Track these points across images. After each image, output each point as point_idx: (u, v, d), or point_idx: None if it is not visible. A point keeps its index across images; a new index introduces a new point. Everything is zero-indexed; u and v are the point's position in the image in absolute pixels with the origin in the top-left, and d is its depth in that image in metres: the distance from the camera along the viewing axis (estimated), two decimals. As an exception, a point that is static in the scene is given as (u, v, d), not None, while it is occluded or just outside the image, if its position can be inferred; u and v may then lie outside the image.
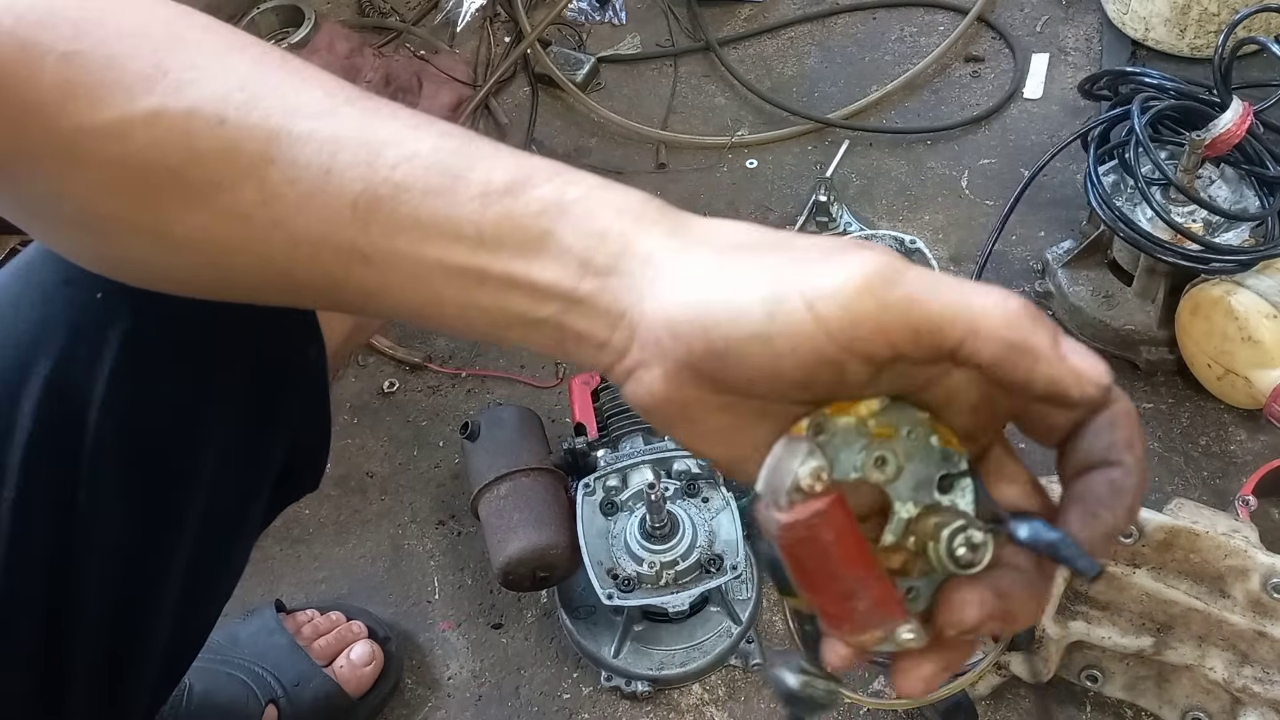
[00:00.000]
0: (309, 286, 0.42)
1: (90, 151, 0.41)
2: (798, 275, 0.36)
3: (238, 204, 0.41)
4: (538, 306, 0.39)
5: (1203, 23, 1.49)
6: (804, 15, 1.78)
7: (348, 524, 1.28)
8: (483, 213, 0.39)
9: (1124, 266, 1.28)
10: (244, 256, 0.42)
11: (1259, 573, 0.92)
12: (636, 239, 0.38)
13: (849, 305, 0.35)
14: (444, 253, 0.39)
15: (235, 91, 0.41)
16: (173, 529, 0.65)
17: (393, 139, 0.40)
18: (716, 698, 1.12)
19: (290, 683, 1.05)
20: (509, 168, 0.40)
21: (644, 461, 1.13)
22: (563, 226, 0.38)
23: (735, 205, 1.52)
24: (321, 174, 0.40)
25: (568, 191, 0.39)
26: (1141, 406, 1.27)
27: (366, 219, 0.39)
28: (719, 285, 0.37)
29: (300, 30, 1.72)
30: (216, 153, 0.40)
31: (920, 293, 0.35)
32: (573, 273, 0.38)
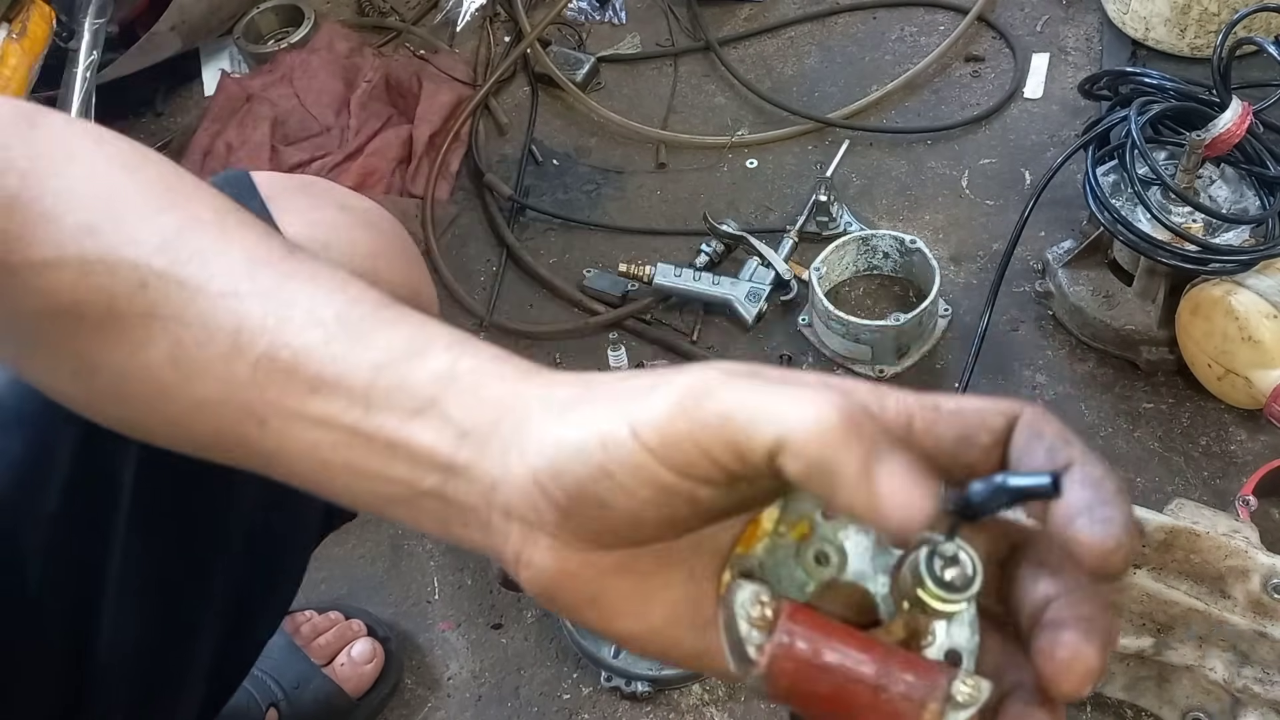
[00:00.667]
0: (213, 444, 0.43)
1: (19, 290, 0.44)
2: (627, 407, 0.35)
3: (151, 361, 0.42)
4: (419, 476, 0.38)
5: (1203, 23, 1.49)
6: (804, 15, 1.78)
7: (347, 524, 1.28)
8: (374, 378, 0.39)
9: (1124, 266, 1.28)
10: (152, 407, 0.44)
11: (1259, 573, 0.92)
12: (511, 401, 0.37)
13: (664, 429, 0.33)
14: (331, 413, 0.39)
15: (158, 254, 0.43)
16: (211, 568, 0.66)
17: (303, 303, 0.41)
18: (716, 698, 1.12)
19: (290, 685, 1.05)
20: (410, 336, 0.40)
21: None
22: (449, 394, 0.38)
23: (735, 205, 1.52)
24: (230, 335, 0.41)
25: (461, 362, 0.39)
26: (1141, 406, 1.27)
27: (265, 382, 0.40)
28: (569, 431, 0.35)
29: (300, 30, 1.72)
30: (135, 314, 0.42)
31: (734, 407, 0.33)
32: (450, 439, 0.38)
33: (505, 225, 1.54)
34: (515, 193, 1.57)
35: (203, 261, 0.43)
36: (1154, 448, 1.24)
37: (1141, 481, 1.20)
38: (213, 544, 0.66)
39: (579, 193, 1.59)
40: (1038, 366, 1.32)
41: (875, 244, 1.40)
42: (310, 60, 1.67)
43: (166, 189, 0.45)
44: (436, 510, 0.39)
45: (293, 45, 1.70)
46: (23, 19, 1.35)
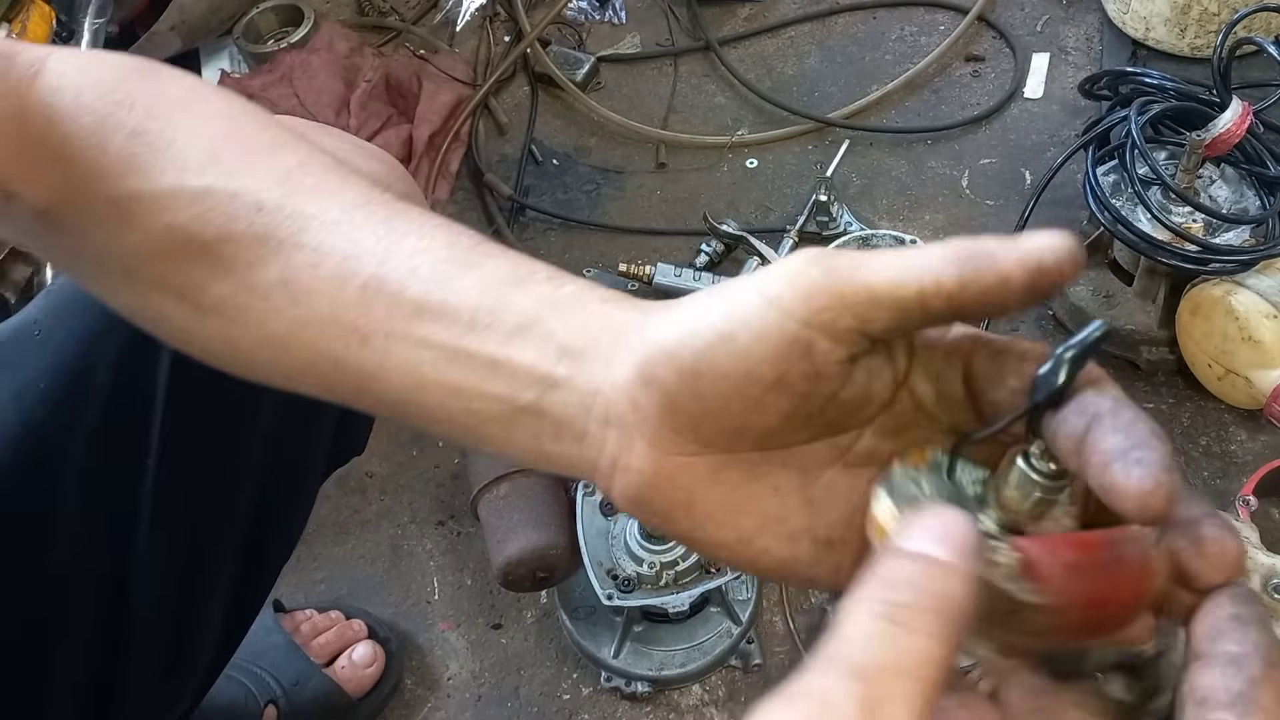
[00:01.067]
0: (311, 365, 0.45)
1: (138, 217, 0.46)
2: (751, 280, 0.36)
3: (260, 281, 0.44)
4: (517, 392, 0.40)
5: (1203, 22, 1.49)
6: (804, 15, 1.78)
7: (347, 524, 1.28)
8: (479, 302, 0.41)
9: (1124, 266, 1.28)
10: (257, 329, 0.45)
11: (1259, 573, 0.92)
12: (612, 318, 0.39)
13: (795, 280, 0.35)
14: (434, 332, 0.41)
15: (276, 185, 0.45)
16: (234, 492, 0.70)
17: (414, 232, 0.43)
18: (716, 698, 1.12)
19: (289, 682, 1.05)
20: (513, 266, 0.42)
21: (644, 462, 1.13)
22: (550, 315, 0.40)
23: (735, 205, 1.52)
24: (341, 259, 0.43)
25: (563, 289, 0.41)
26: (1142, 406, 1.26)
27: (371, 301, 0.42)
28: (680, 320, 0.37)
29: (300, 30, 1.72)
30: (249, 235, 0.44)
31: (862, 260, 0.35)
32: (551, 355, 0.39)
33: (505, 225, 1.54)
34: (515, 193, 1.57)
35: (318, 194, 0.45)
36: (1154, 448, 1.24)
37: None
38: (233, 466, 0.69)
39: (579, 193, 1.59)
40: (1038, 366, 1.32)
41: (875, 244, 1.40)
42: (310, 60, 1.67)
43: (283, 131, 0.48)
44: (530, 426, 0.40)
45: (292, 45, 1.70)
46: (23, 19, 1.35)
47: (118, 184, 0.46)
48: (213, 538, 0.70)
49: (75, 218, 0.47)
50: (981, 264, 0.34)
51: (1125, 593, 0.34)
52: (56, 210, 0.48)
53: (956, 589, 0.30)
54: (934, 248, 0.34)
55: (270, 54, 1.70)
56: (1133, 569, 0.34)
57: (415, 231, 0.43)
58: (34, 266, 1.21)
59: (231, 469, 0.69)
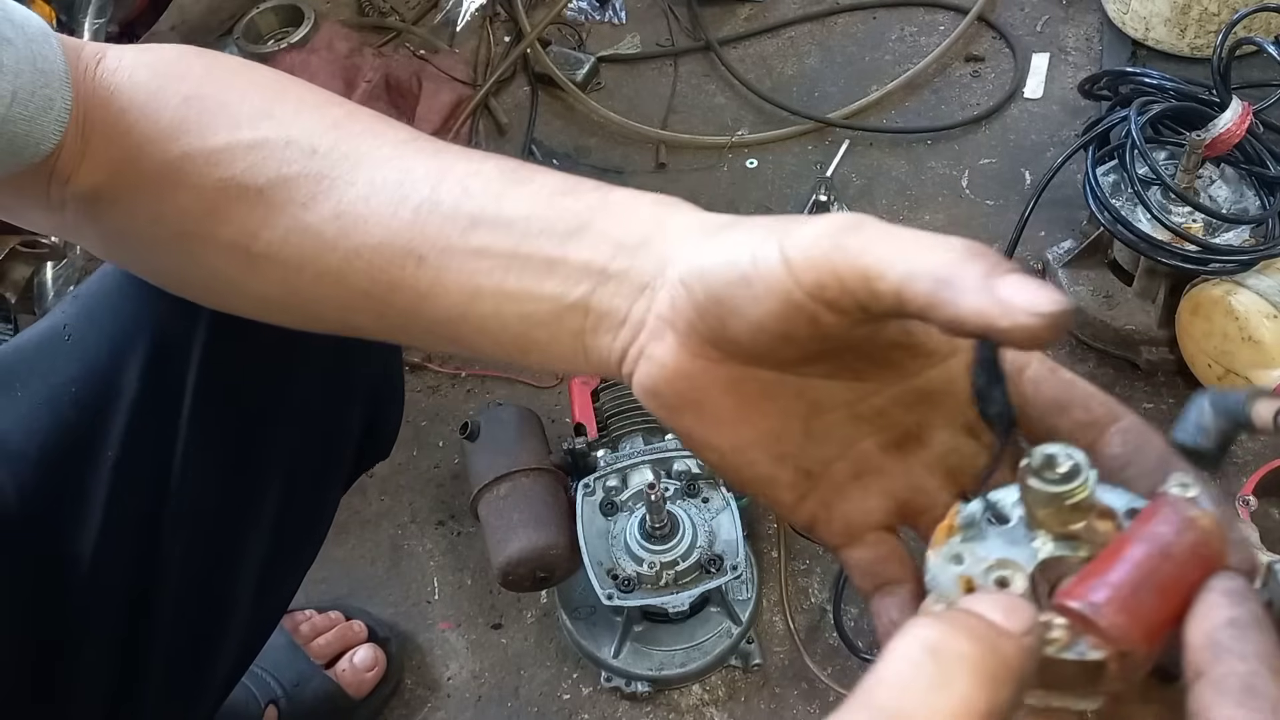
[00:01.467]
0: (367, 292, 0.46)
1: (191, 175, 0.48)
2: (782, 231, 0.37)
3: (313, 219, 0.46)
4: (570, 287, 0.41)
5: (1203, 22, 1.49)
6: (804, 15, 1.78)
7: (347, 524, 1.28)
8: (532, 209, 0.43)
9: (1124, 266, 1.28)
10: (310, 266, 0.47)
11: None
12: (666, 220, 0.41)
13: (808, 249, 0.36)
14: (490, 242, 0.43)
15: (329, 130, 0.47)
16: (259, 496, 0.70)
17: (462, 159, 0.46)
18: (716, 698, 1.12)
19: (290, 683, 1.05)
20: (562, 179, 0.44)
21: (644, 462, 1.13)
22: (603, 217, 0.42)
23: (735, 205, 1.52)
24: (394, 187, 0.45)
25: (612, 194, 0.43)
26: (1141, 406, 1.27)
27: (426, 221, 0.44)
28: (723, 246, 0.38)
29: (300, 30, 1.72)
30: (304, 175, 0.46)
31: (876, 238, 0.35)
32: (607, 252, 0.41)
33: (505, 225, 1.54)
34: (515, 193, 1.57)
35: (369, 135, 0.47)
36: (1154, 448, 1.24)
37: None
38: (258, 471, 0.69)
39: (579, 193, 1.59)
40: None
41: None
42: (310, 60, 1.66)
43: (327, 93, 0.51)
44: (576, 322, 0.42)
45: (292, 45, 1.70)
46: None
47: (170, 146, 0.48)
48: (237, 543, 0.70)
49: (127, 190, 0.49)
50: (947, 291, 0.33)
51: (1189, 582, 0.32)
52: (108, 187, 0.49)
53: (1011, 651, 0.29)
54: (946, 254, 0.33)
55: (270, 54, 1.69)
56: (1183, 554, 0.32)
57: (464, 158, 0.45)
58: (34, 266, 1.21)
59: (256, 473, 0.69)
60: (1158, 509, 0.33)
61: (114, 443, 0.63)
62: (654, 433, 1.15)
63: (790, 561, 1.18)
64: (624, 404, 1.17)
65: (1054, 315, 0.31)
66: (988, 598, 0.31)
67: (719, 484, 1.12)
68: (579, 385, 1.20)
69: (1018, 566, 0.35)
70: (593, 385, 1.20)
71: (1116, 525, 0.35)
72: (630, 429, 1.16)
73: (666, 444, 1.14)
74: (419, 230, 0.44)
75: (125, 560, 0.65)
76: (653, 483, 1.05)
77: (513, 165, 0.45)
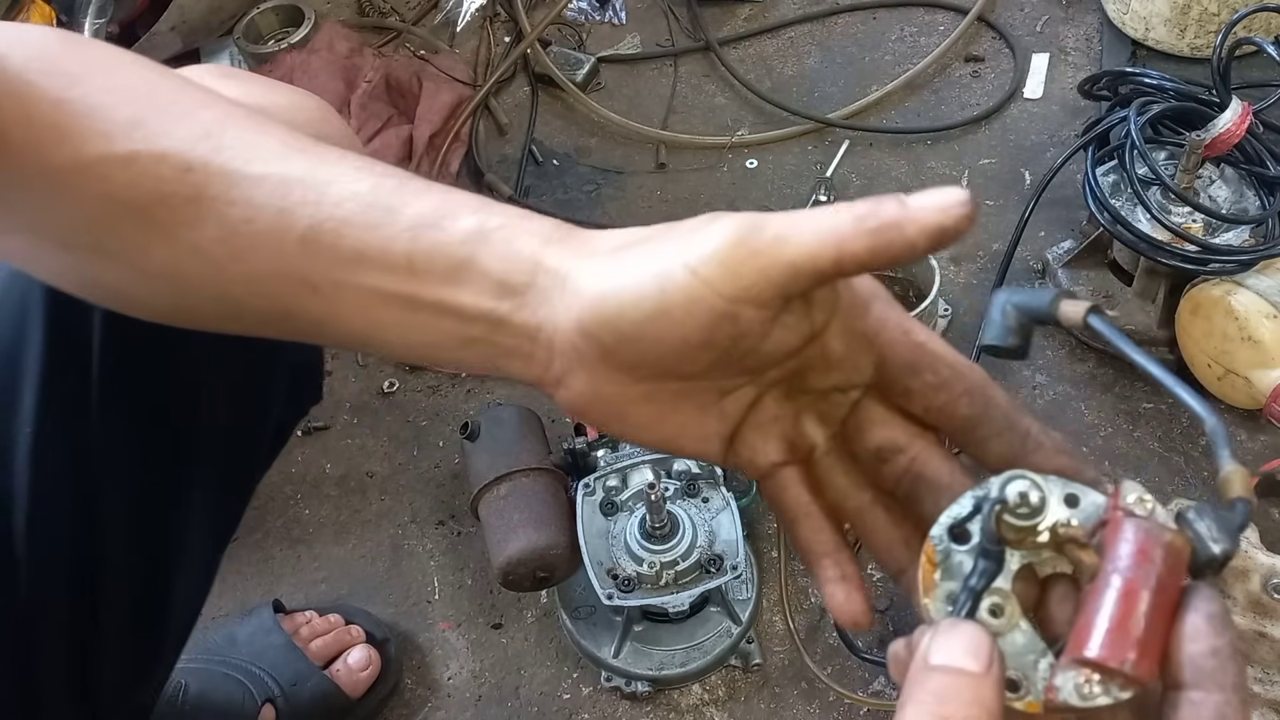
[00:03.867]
0: (264, 316, 0.47)
1: (75, 187, 0.46)
2: (678, 251, 0.40)
3: (200, 241, 0.46)
4: (466, 328, 0.43)
5: (1203, 23, 1.49)
6: (804, 15, 1.78)
7: (348, 524, 1.28)
8: (413, 244, 0.43)
9: (1124, 266, 1.28)
10: (205, 288, 0.47)
11: (1259, 573, 0.92)
12: (545, 257, 0.42)
13: (725, 260, 0.39)
14: (380, 281, 0.44)
15: (201, 141, 0.46)
16: (186, 459, 0.69)
17: (338, 179, 0.45)
18: (716, 698, 1.12)
19: (288, 682, 1.05)
20: (437, 204, 0.44)
21: (644, 461, 1.13)
22: (483, 253, 0.43)
23: (735, 205, 1.52)
24: (275, 213, 0.45)
25: (489, 221, 0.43)
26: (1141, 407, 1.27)
27: (313, 252, 0.44)
28: (616, 280, 0.41)
29: (300, 30, 1.72)
30: (182, 196, 0.45)
31: (784, 232, 0.40)
32: (492, 295, 0.43)
33: (505, 225, 1.54)
34: (515, 193, 1.57)
35: (243, 148, 0.46)
36: (1154, 448, 1.24)
37: (1141, 482, 1.20)
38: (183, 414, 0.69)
39: (579, 193, 1.59)
40: (1038, 366, 1.32)
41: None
42: (310, 60, 1.66)
43: (201, 91, 0.49)
44: (484, 352, 0.44)
45: (293, 45, 1.70)
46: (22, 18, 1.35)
47: (48, 154, 0.46)
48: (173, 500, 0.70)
49: (7, 189, 0.48)
50: (891, 235, 0.39)
51: (1174, 602, 0.35)
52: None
53: (989, 694, 0.35)
54: (843, 213, 0.39)
55: (270, 54, 1.69)
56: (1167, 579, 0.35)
57: (339, 178, 0.45)
58: None
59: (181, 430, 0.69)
60: (1129, 533, 0.36)
61: (28, 417, 0.62)
62: (654, 433, 1.15)
63: (790, 561, 1.18)
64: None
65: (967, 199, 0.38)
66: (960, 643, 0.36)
67: (719, 484, 1.12)
68: (579, 385, 1.20)
69: (1005, 593, 0.39)
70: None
71: (1085, 543, 0.38)
72: (630, 429, 1.16)
73: (666, 444, 1.14)
74: (307, 262, 0.44)
75: (62, 530, 0.65)
76: (653, 483, 1.05)
77: (389, 185, 0.45)
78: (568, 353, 0.42)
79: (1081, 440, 1.25)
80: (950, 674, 0.35)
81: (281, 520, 1.29)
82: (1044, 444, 0.42)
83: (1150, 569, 0.35)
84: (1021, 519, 0.38)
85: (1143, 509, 0.37)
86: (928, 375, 0.43)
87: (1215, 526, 0.36)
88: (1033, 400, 1.28)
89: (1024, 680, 0.37)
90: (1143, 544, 0.35)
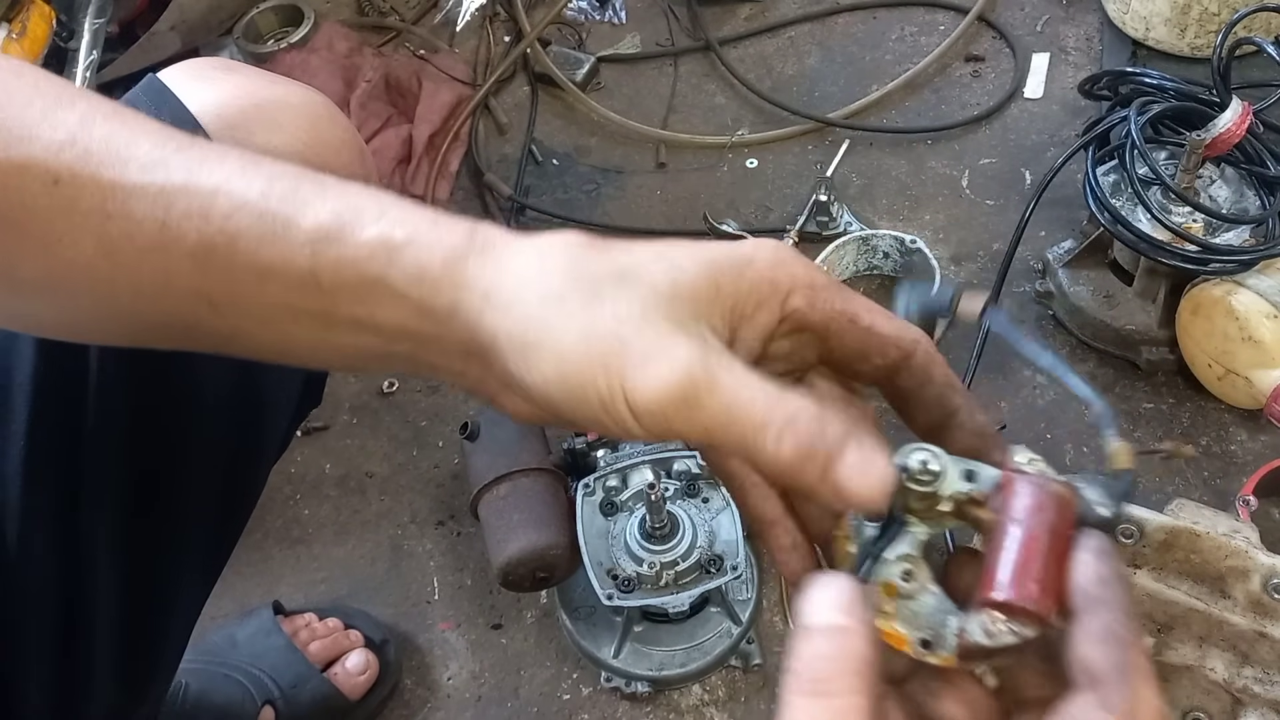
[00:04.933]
0: (162, 328, 0.44)
1: None
2: (616, 365, 0.37)
3: (79, 256, 0.42)
4: (390, 344, 0.41)
5: (1203, 22, 1.49)
6: (804, 15, 1.78)
7: (347, 524, 1.28)
8: (315, 260, 0.40)
9: (1125, 266, 1.28)
10: (89, 300, 0.44)
11: (1259, 573, 0.92)
12: (466, 277, 0.40)
13: (664, 410, 0.37)
14: (287, 298, 0.41)
15: (66, 149, 0.42)
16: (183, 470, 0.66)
17: (223, 186, 0.41)
18: (716, 698, 1.12)
19: (287, 684, 1.05)
20: (336, 209, 0.41)
21: (644, 462, 1.13)
22: (393, 273, 0.40)
23: (735, 205, 1.52)
24: (157, 227, 0.41)
25: (394, 234, 0.40)
26: (1142, 407, 1.27)
27: (205, 268, 0.41)
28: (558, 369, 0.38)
29: (300, 30, 1.72)
30: (53, 210, 0.42)
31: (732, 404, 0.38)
32: (413, 316, 0.40)
33: (505, 225, 1.54)
34: (515, 192, 1.57)
35: (113, 151, 0.42)
36: (1162, 445, 1.24)
37: (1142, 482, 1.20)
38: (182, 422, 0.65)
39: (579, 192, 1.59)
40: (1038, 366, 1.31)
41: (875, 244, 1.40)
42: (310, 60, 1.66)
43: (59, 89, 0.45)
44: (407, 364, 0.42)
45: (292, 45, 1.70)
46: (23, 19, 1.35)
47: None
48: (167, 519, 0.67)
49: None
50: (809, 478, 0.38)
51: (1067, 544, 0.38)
52: None
53: (860, 644, 0.36)
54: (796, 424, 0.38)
55: (270, 54, 1.69)
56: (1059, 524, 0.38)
57: (224, 184, 0.41)
58: None
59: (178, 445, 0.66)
60: (1023, 489, 0.39)
61: (19, 433, 0.59)
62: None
63: (790, 561, 1.18)
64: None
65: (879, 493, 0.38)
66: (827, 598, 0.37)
67: (719, 484, 1.12)
68: (579, 385, 1.20)
69: (915, 559, 0.41)
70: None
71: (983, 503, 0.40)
72: (630, 429, 1.16)
73: (666, 444, 1.14)
74: (202, 277, 0.41)
75: (51, 548, 0.62)
76: (653, 483, 1.05)
77: (281, 187, 0.41)
78: (501, 377, 0.40)
79: (1082, 440, 1.25)
80: (821, 638, 0.36)
81: (281, 520, 1.29)
82: (965, 425, 0.44)
83: (1044, 516, 0.38)
84: (923, 485, 0.40)
85: (1033, 468, 0.39)
86: (876, 359, 0.44)
87: (1103, 493, 0.39)
88: (1033, 400, 1.28)
89: (936, 638, 0.39)
90: (1036, 496, 0.38)
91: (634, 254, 0.40)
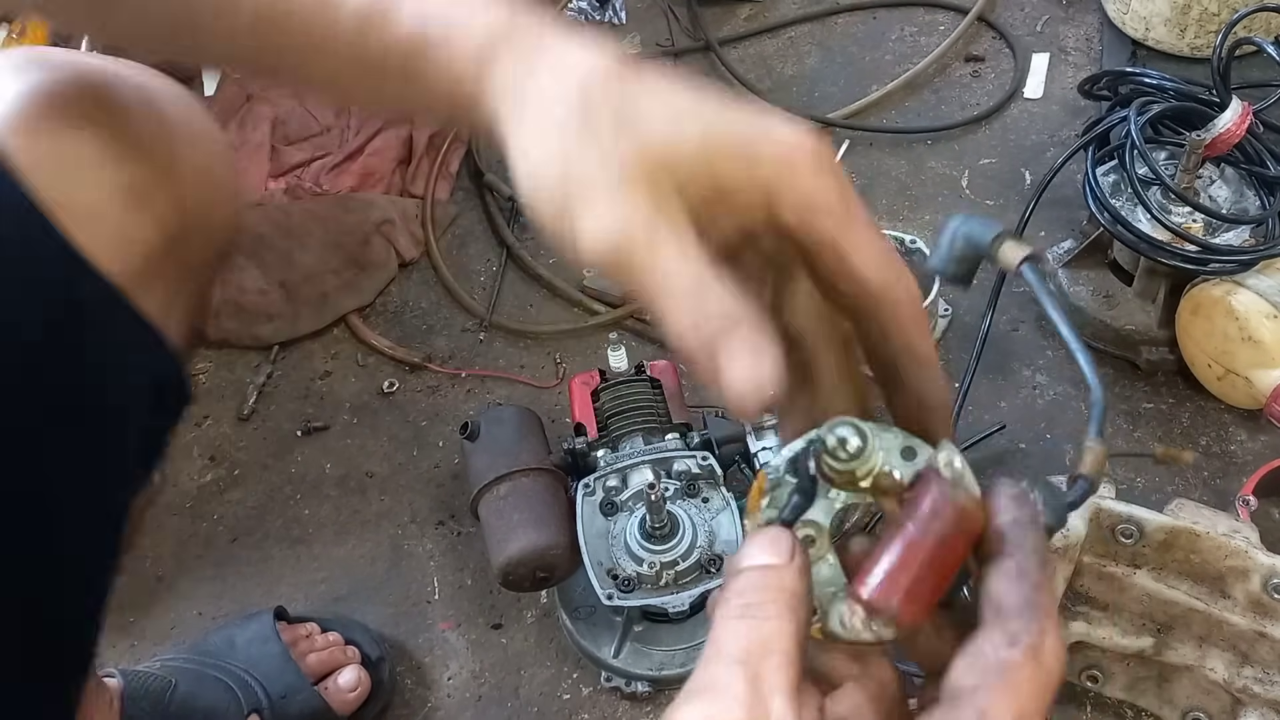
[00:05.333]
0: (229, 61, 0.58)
1: None
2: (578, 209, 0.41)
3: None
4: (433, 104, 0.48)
5: (1203, 22, 1.49)
6: (804, 15, 1.78)
7: (348, 524, 1.28)
8: (363, 43, 0.47)
9: (1124, 266, 1.28)
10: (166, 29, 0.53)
11: (1259, 573, 0.92)
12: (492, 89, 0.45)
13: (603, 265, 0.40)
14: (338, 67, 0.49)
15: None
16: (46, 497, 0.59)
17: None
18: (716, 698, 1.12)
19: (277, 694, 1.02)
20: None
21: (644, 461, 1.12)
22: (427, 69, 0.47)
23: (735, 205, 1.52)
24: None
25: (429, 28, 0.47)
26: (1141, 406, 1.27)
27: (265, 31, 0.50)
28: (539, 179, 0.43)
29: (300, 30, 1.72)
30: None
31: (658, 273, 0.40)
32: (445, 101, 0.47)
33: (505, 225, 1.54)
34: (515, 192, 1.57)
35: None
36: (1154, 448, 1.23)
37: (1142, 481, 1.20)
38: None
39: (579, 193, 1.59)
40: (1038, 366, 1.32)
41: (875, 244, 1.40)
42: (310, 60, 1.66)
43: None
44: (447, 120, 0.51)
45: (293, 45, 1.70)
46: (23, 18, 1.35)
47: None
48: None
49: None
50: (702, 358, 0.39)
51: (957, 556, 0.39)
52: None
53: (789, 579, 0.38)
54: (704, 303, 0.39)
55: (270, 54, 1.69)
56: (951, 535, 0.38)
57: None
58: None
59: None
60: (927, 492, 0.39)
61: None
62: (654, 433, 1.15)
63: (790, 561, 1.18)
64: (624, 404, 1.17)
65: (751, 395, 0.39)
66: (760, 543, 0.39)
67: (719, 484, 1.12)
68: (579, 385, 1.20)
69: (819, 528, 0.42)
70: (593, 385, 1.20)
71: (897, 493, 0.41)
72: (630, 429, 1.16)
73: (666, 444, 1.14)
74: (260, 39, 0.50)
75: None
76: (653, 483, 1.05)
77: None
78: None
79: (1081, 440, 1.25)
80: (753, 571, 0.38)
81: (281, 520, 1.29)
82: (910, 392, 0.44)
83: (937, 526, 0.38)
84: (839, 462, 0.40)
85: (949, 471, 0.39)
86: (843, 297, 0.44)
87: (1047, 503, 0.39)
88: (1033, 400, 1.28)
89: (819, 609, 0.40)
90: (936, 503, 0.38)
91: (654, 97, 0.43)
